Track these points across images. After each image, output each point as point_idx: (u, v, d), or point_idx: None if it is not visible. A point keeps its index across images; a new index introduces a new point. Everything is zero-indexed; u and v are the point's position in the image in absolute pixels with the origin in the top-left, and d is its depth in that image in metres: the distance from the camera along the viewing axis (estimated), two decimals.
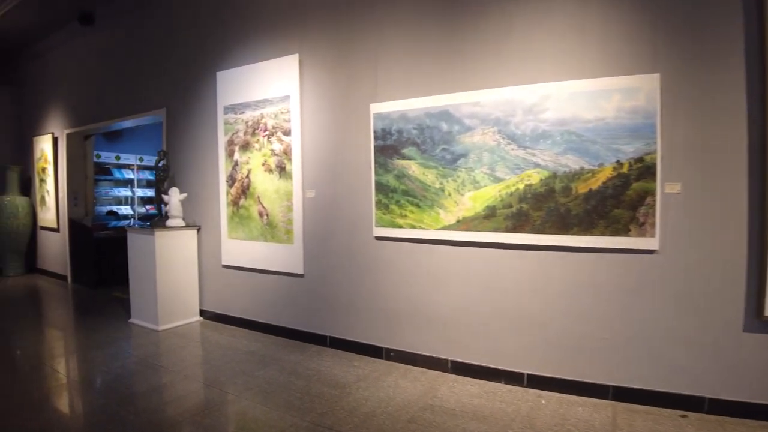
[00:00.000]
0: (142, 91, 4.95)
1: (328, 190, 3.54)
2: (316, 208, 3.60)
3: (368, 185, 3.32)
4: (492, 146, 2.86)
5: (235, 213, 4.05)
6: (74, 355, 3.50)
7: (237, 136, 3.99)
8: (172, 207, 4.16)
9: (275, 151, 3.74)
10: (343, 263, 3.49)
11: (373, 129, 3.27)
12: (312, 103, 3.59)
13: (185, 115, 4.47)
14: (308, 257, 3.66)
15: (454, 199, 3.00)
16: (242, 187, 3.97)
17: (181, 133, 4.51)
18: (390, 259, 3.29)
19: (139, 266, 4.15)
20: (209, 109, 4.24)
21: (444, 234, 3.05)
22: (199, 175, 4.38)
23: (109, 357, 3.36)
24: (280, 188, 3.73)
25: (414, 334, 3.21)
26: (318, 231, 3.60)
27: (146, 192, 8.92)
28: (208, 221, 4.31)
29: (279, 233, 3.76)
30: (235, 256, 4.07)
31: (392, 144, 3.21)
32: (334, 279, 3.54)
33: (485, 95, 2.87)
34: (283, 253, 3.75)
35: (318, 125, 3.56)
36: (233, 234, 4.07)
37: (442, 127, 3.02)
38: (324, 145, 3.54)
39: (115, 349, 3.53)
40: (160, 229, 4.03)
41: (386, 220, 3.25)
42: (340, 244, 3.49)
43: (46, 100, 6.64)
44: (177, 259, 4.16)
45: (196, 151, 4.39)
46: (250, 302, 4.04)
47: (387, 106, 3.21)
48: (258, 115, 3.84)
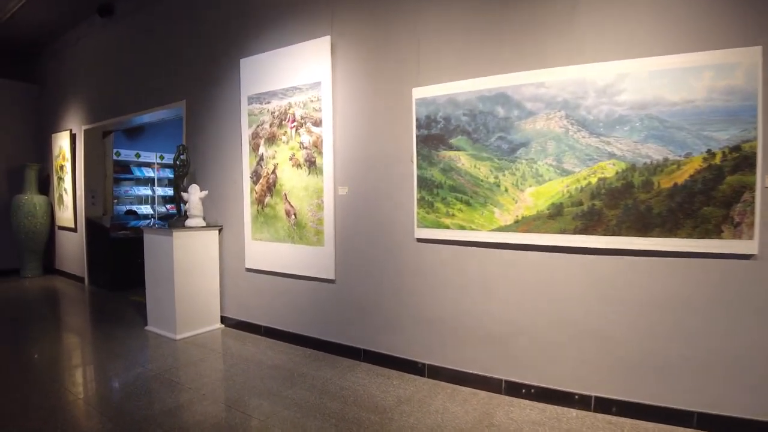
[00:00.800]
0: (160, 84, 4.68)
1: (362, 186, 3.17)
2: (349, 206, 3.24)
3: (409, 180, 2.95)
4: (558, 134, 2.46)
5: (259, 212, 3.72)
6: (86, 368, 3.21)
7: (262, 128, 3.66)
8: (192, 205, 3.85)
9: (304, 144, 3.40)
10: (380, 268, 3.12)
11: (415, 116, 2.89)
12: (345, 90, 3.23)
13: (206, 107, 4.16)
14: (340, 261, 3.29)
15: (512, 196, 2.60)
16: (268, 183, 3.64)
17: (202, 126, 4.21)
18: (434, 264, 2.90)
19: (156, 270, 3.85)
20: (232, 99, 3.92)
21: (499, 236, 2.65)
22: (220, 171, 4.07)
23: (123, 370, 3.05)
24: (310, 185, 3.38)
25: (461, 350, 2.81)
26: (351, 232, 3.23)
27: (167, 191, 8.73)
28: (231, 221, 3.99)
29: (308, 234, 3.41)
30: (260, 259, 3.74)
31: (438, 133, 2.82)
32: (368, 285, 3.17)
33: (550, 75, 2.47)
34: (312, 256, 3.39)
35: (352, 114, 3.20)
36: (258, 235, 3.74)
37: (498, 112, 2.62)
38: (358, 137, 3.18)
39: (130, 362, 3.22)
40: (179, 230, 3.73)
41: (430, 220, 2.87)
42: (376, 247, 3.12)
43: (64, 96, 6.46)
44: (197, 262, 3.85)
45: (218, 146, 4.08)
46: (276, 309, 3.70)
47: (432, 90, 2.83)
48: (285, 105, 3.50)
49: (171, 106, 4.52)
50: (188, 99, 4.34)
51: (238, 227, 3.91)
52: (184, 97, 4.37)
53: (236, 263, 3.96)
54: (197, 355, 3.34)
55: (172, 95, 4.50)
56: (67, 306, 5.09)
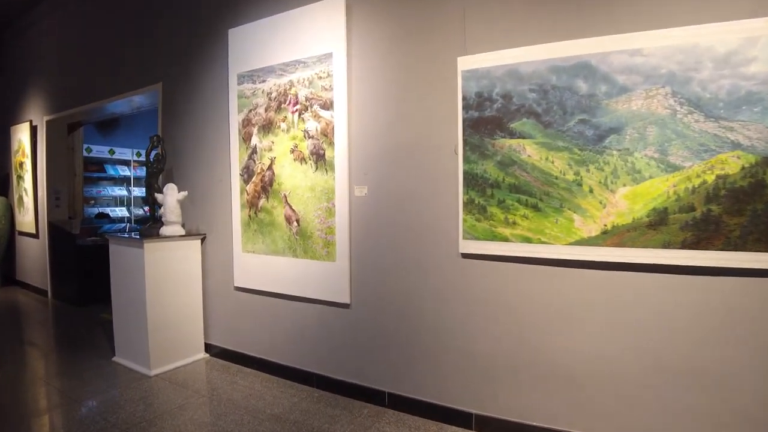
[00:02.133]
0: (132, 65, 3.93)
1: (387, 185, 2.50)
2: (368, 211, 2.56)
3: (451, 178, 2.28)
4: (663, 116, 1.83)
5: (252, 218, 3.01)
6: (27, 421, 2.46)
7: (255, 114, 2.95)
8: (168, 209, 3.13)
9: (310, 133, 2.70)
10: (410, 290, 2.45)
11: (461, 94, 2.23)
12: (363, 63, 2.55)
13: (186, 90, 3.44)
14: (357, 280, 2.61)
15: (599, 198, 1.96)
16: (263, 182, 2.94)
17: (181, 113, 3.48)
18: (485, 287, 2.24)
19: (124, 288, 3.12)
20: (217, 79, 3.21)
21: (580, 251, 2.00)
22: (203, 167, 3.35)
23: (78, 426, 2.32)
24: (317, 184, 2.69)
25: (521, 395, 2.16)
26: (371, 244, 2.55)
27: (144, 192, 7.91)
28: (216, 228, 3.28)
29: (315, 246, 2.72)
30: (253, 276, 3.03)
31: (493, 115, 2.16)
32: (394, 312, 2.50)
33: (650, 39, 1.83)
34: (320, 273, 2.70)
35: (372, 93, 2.52)
36: (250, 246, 3.03)
37: (579, 87, 1.98)
38: (382, 122, 2.50)
39: (89, 411, 2.49)
40: (152, 240, 3.00)
41: (481, 230, 2.21)
42: (406, 264, 2.45)
43: (23, 82, 5.64)
44: (175, 279, 3.13)
45: (200, 136, 3.36)
46: (273, 339, 3.00)
47: (485, 60, 2.17)
48: (285, 83, 2.80)
49: (144, 90, 3.78)
50: (164, 81, 3.60)
51: (226, 236, 3.20)
52: (159, 80, 3.63)
53: (223, 280, 3.24)
54: (176, 400, 2.63)
55: (146, 77, 3.76)
56: (22, 326, 4.31)
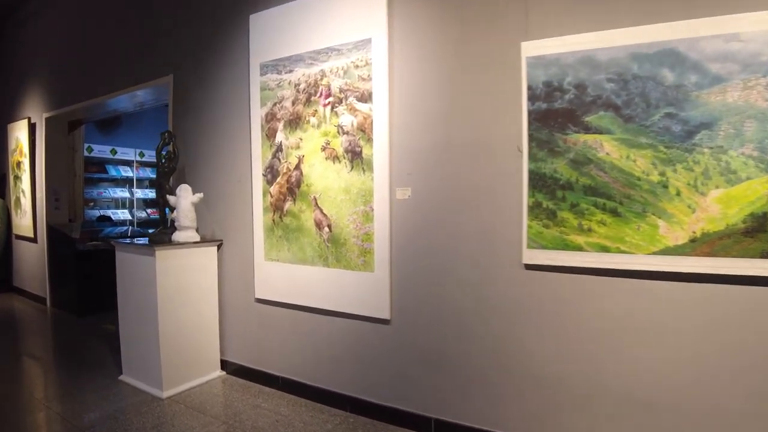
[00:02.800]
0: (140, 56, 3.64)
1: (434, 187, 2.22)
2: (413, 216, 2.28)
3: (514, 178, 2.00)
4: (763, 109, 1.58)
5: (276, 223, 2.72)
6: None
7: (281, 107, 2.67)
8: (182, 213, 2.84)
9: (344, 128, 2.42)
10: (462, 305, 2.16)
11: (526, 83, 1.95)
12: (408, 49, 2.27)
13: (200, 82, 3.15)
14: (398, 294, 2.33)
15: (687, 202, 1.68)
16: (289, 183, 2.65)
17: (195, 107, 3.20)
18: (552, 301, 1.96)
19: (133, 300, 2.83)
20: (237, 70, 2.92)
21: (665, 261, 1.72)
22: (220, 166, 3.06)
23: None
24: (353, 185, 2.40)
25: (597, 428, 1.88)
26: (416, 253, 2.27)
27: (147, 193, 7.61)
28: (234, 234, 2.99)
29: (349, 254, 2.43)
30: (276, 287, 2.74)
31: (565, 107, 1.88)
32: (442, 329, 2.22)
33: (749, 22, 1.58)
34: (355, 285, 2.42)
35: (418, 83, 2.24)
36: (274, 254, 2.74)
37: (665, 77, 1.70)
38: (429, 115, 2.22)
39: None
40: (164, 247, 2.71)
41: (550, 237, 1.93)
42: (456, 275, 2.17)
43: (22, 78, 5.35)
44: (189, 290, 2.84)
45: (217, 132, 3.07)
46: (300, 356, 2.71)
47: (553, 45, 1.89)
48: (316, 74, 2.52)
49: (153, 83, 3.49)
50: (176, 73, 3.31)
51: (245, 242, 2.91)
52: (170, 71, 3.35)
53: (242, 291, 2.95)
54: (194, 428, 2.33)
55: (156, 69, 3.47)
56: (18, 338, 4.00)
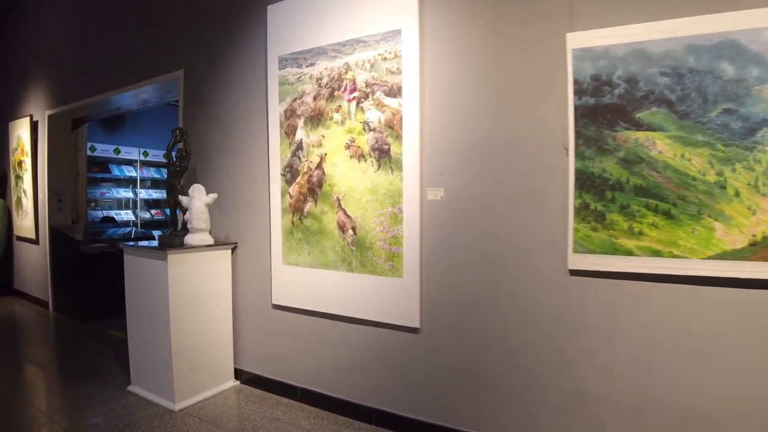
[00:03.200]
0: (149, 50, 3.50)
1: (469, 187, 2.07)
2: (445, 218, 2.13)
3: (558, 178, 1.86)
4: None
5: (296, 225, 2.58)
6: None
7: (301, 103, 2.53)
8: (195, 214, 2.69)
9: (371, 124, 2.27)
10: (499, 313, 2.02)
11: (572, 77, 1.81)
12: (441, 41, 2.13)
13: (214, 76, 3.01)
14: (429, 300, 2.18)
15: (747, 203, 1.55)
16: (310, 183, 2.51)
17: (207, 103, 3.05)
18: (601, 310, 1.82)
19: (142, 307, 2.68)
20: (253, 63, 2.78)
21: (722, 266, 1.58)
22: (234, 165, 2.91)
23: None
24: (380, 185, 2.26)
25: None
26: (448, 257, 2.13)
27: (151, 194, 7.47)
28: (250, 236, 2.84)
29: (375, 259, 2.28)
30: (295, 292, 2.59)
31: (615, 103, 1.74)
32: (477, 339, 2.07)
33: None
34: (382, 291, 2.27)
35: (451, 76, 2.10)
36: (293, 257, 2.60)
37: (724, 71, 1.56)
38: (464, 110, 2.08)
39: None
40: (176, 251, 2.56)
41: (598, 241, 1.78)
42: (492, 281, 2.02)
43: (24, 74, 5.19)
44: (202, 295, 2.69)
45: (231, 129, 2.93)
46: (320, 366, 2.56)
47: (602, 36, 1.75)
48: (340, 67, 2.38)
49: (162, 78, 3.35)
50: (187, 68, 3.17)
51: (262, 246, 2.76)
52: (180, 66, 3.20)
53: (258, 297, 2.81)
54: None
55: (165, 64, 3.33)
56: (20, 344, 3.85)
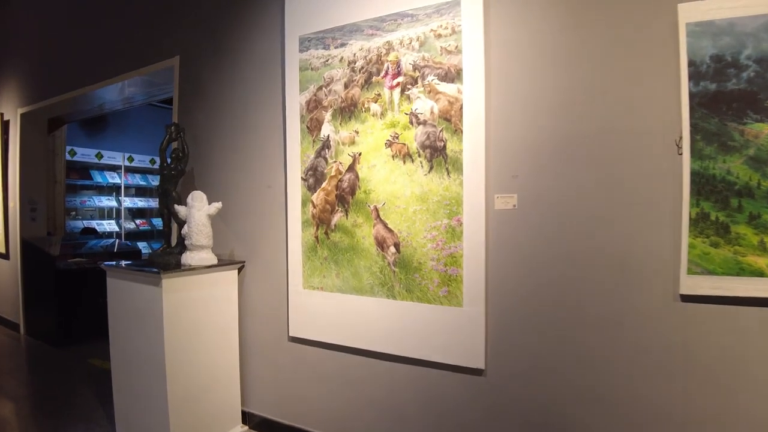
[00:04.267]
0: (137, 36, 3.03)
1: (550, 194, 1.65)
2: (518, 232, 1.70)
3: (666, 182, 1.45)
4: None
5: (321, 240, 2.12)
6: None
7: (329, 92, 2.08)
8: (196, 228, 2.21)
9: (420, 116, 1.84)
10: (587, 350, 1.59)
11: (686, 58, 1.40)
12: (513, 15, 1.71)
13: (216, 63, 2.55)
14: (497, 335, 1.74)
15: None
16: (339, 189, 2.06)
17: (208, 94, 2.59)
18: (723, 346, 1.40)
19: (130, 340, 2.18)
20: (266, 46, 2.33)
21: None
22: (241, 168, 2.45)
23: None
24: (432, 191, 1.82)
25: None
26: (522, 280, 1.69)
27: (136, 202, 6.91)
28: (261, 254, 2.37)
29: (425, 282, 1.84)
30: (319, 323, 2.13)
31: (742, 88, 1.34)
32: (560, 383, 1.64)
33: None
34: (434, 323, 1.83)
35: (526, 58, 1.68)
36: (317, 280, 2.13)
37: None
38: (542, 100, 1.66)
39: None
40: (173, 274, 2.08)
41: (720, 260, 1.37)
42: (581, 310, 1.60)
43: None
44: (203, 327, 2.21)
45: (237, 125, 2.47)
46: (353, 411, 2.09)
47: (725, 6, 1.35)
48: (380, 47, 1.94)
49: (153, 68, 2.87)
50: (183, 55, 2.71)
51: (276, 266, 2.30)
52: (176, 52, 2.74)
53: (271, 327, 2.33)
54: None
55: (157, 51, 2.86)
56: None
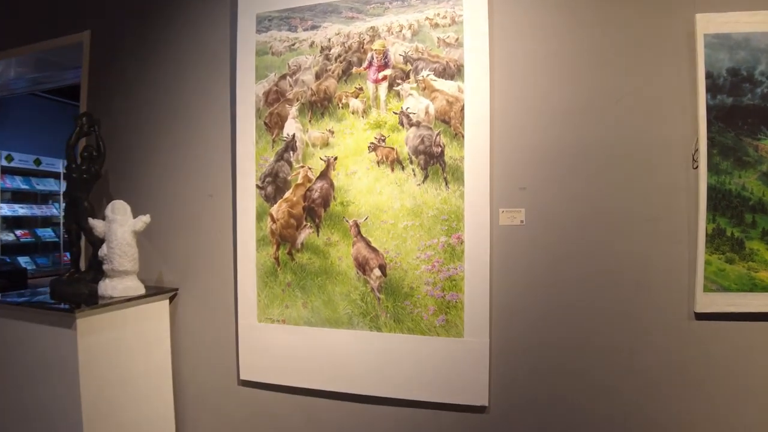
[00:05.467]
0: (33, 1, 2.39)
1: (561, 208, 1.47)
2: (526, 250, 1.50)
3: (681, 197, 1.36)
4: None
5: (283, 263, 1.74)
6: None
7: (295, 82, 1.72)
8: (119, 248, 1.70)
9: (411, 117, 1.57)
10: (601, 381, 1.43)
11: (704, 68, 1.32)
12: (520, 9, 1.53)
13: (141, 42, 2.04)
14: (501, 368, 1.51)
15: None
16: (308, 200, 1.70)
17: (130, 80, 2.06)
18: (742, 367, 1.33)
19: (26, 402, 1.61)
20: (209, 22, 1.91)
21: None
22: (173, 172, 1.98)
23: None
24: (427, 204, 1.55)
25: None
26: (531, 305, 1.49)
27: (16, 209, 5.74)
28: (200, 279, 1.91)
29: (418, 311, 1.56)
30: (280, 363, 1.73)
31: (756, 104, 1.31)
32: (572, 418, 1.46)
33: None
34: (429, 357, 1.55)
35: (535, 57, 1.50)
36: (275, 311, 1.74)
37: None
38: (551, 103, 1.48)
39: None
40: (90, 311, 1.56)
41: (735, 276, 1.30)
42: (596, 336, 1.44)
43: None
44: (128, 375, 1.70)
45: (167, 118, 1.99)
46: None
47: (741, 20, 1.31)
48: (362, 33, 1.64)
49: (53, 44, 2.27)
50: (97, 27, 2.16)
51: (220, 293, 1.86)
52: (87, 25, 2.17)
53: (215, 370, 1.88)
54: None
55: (58, 24, 2.26)
56: None
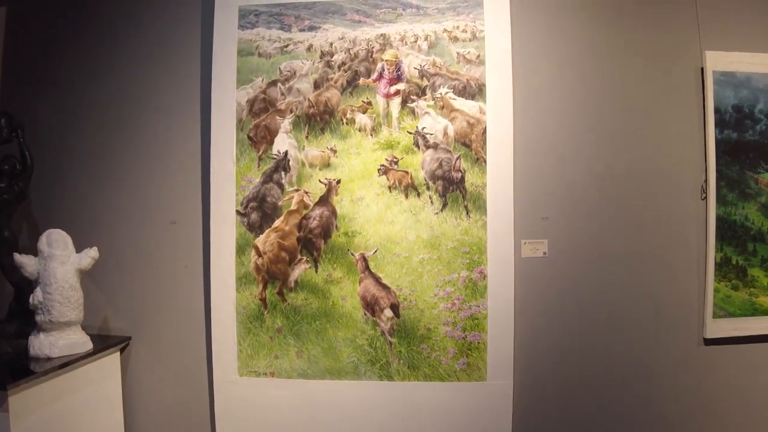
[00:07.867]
0: None
1: (583, 239, 1.43)
2: (549, 283, 1.43)
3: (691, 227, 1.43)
4: None
5: (272, 304, 1.46)
6: None
7: (287, 90, 1.48)
8: (59, 292, 1.28)
9: (428, 138, 1.42)
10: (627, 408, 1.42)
11: (713, 104, 1.38)
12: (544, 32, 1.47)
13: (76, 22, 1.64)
14: (526, 409, 1.41)
15: None
16: (304, 230, 1.45)
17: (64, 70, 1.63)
18: (746, 390, 1.40)
19: None
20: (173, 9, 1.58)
21: None
22: (122, 192, 1.59)
23: None
24: (444, 235, 1.40)
25: None
26: (555, 341, 1.42)
27: None
28: (159, 325, 1.54)
29: (436, 355, 1.40)
30: (270, 425, 1.45)
31: (756, 140, 1.43)
32: None
33: None
34: (446, 404, 1.39)
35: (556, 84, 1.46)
36: (261, 363, 1.45)
37: None
38: (576, 128, 1.44)
39: None
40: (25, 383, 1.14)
41: (738, 301, 1.39)
42: (619, 367, 1.42)
43: None
44: None
45: (117, 125, 1.60)
46: None
47: (743, 61, 1.42)
48: (370, 40, 1.45)
49: None
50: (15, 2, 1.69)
51: (188, 342, 1.52)
52: None
53: None
54: None
55: None
56: None
